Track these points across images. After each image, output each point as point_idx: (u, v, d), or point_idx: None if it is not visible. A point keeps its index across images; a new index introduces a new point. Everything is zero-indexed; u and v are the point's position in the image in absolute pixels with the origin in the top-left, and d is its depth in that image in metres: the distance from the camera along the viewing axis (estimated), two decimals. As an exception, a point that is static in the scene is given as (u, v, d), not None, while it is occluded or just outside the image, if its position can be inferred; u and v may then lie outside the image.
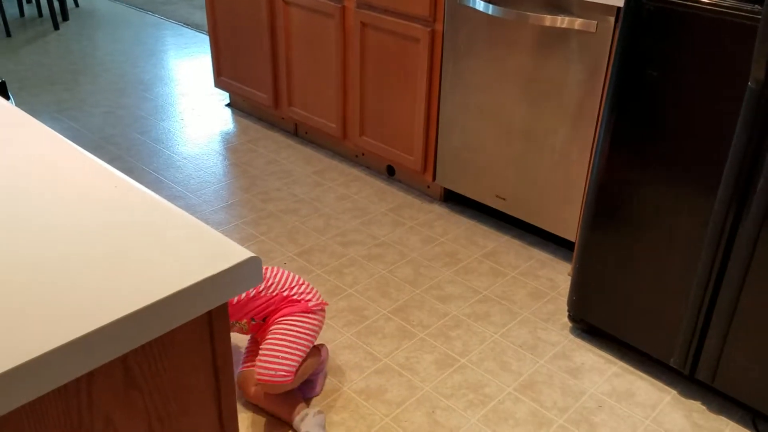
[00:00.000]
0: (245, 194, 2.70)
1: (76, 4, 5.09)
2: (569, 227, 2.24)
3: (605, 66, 1.97)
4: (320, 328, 1.73)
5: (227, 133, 3.25)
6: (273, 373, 1.60)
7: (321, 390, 1.79)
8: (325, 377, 1.83)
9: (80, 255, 0.71)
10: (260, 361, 1.62)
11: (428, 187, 2.69)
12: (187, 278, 0.68)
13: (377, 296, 2.15)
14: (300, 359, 1.64)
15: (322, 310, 1.75)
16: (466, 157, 2.45)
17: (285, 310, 1.68)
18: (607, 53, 1.95)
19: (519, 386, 1.84)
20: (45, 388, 0.59)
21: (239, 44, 3.13)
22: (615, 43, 1.75)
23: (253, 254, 0.72)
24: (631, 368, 1.91)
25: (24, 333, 0.59)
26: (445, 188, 2.64)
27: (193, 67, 4.03)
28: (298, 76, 2.93)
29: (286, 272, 1.77)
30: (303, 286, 1.75)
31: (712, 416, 1.77)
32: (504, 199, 2.40)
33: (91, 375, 0.64)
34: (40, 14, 4.83)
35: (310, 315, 1.70)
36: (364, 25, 2.55)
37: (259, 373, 1.60)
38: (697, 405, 1.80)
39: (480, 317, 2.08)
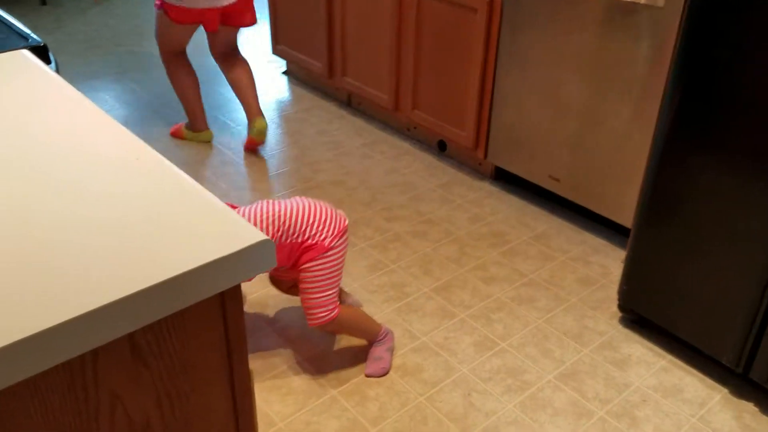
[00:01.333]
0: (294, 164, 2.70)
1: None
2: (626, 212, 2.14)
3: (672, 43, 1.84)
4: (344, 252, 1.73)
5: (282, 101, 3.25)
6: (320, 316, 1.68)
7: (389, 366, 1.81)
8: (392, 353, 1.84)
9: (89, 229, 0.70)
10: (305, 311, 1.70)
11: (480, 164, 2.62)
12: (197, 259, 0.66)
13: (420, 273, 2.12)
14: (334, 291, 1.70)
15: (341, 235, 1.71)
16: (520, 135, 2.36)
17: (305, 257, 1.68)
18: (675, 30, 1.82)
19: (560, 375, 1.78)
20: (48, 363, 0.59)
21: (297, 12, 3.11)
22: (683, 20, 1.63)
23: (265, 237, 0.70)
24: (680, 363, 1.83)
25: (25, 308, 0.59)
26: (496, 166, 2.57)
27: (256, 34, 4.04)
28: (353, 46, 2.88)
29: (296, 206, 1.70)
30: (316, 224, 1.69)
31: (765, 419, 1.67)
32: (558, 180, 2.31)
33: (95, 351, 0.64)
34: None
35: (329, 253, 1.69)
36: (420, -6, 2.48)
37: (310, 322, 1.70)
38: (749, 406, 1.71)
39: (524, 301, 2.03)
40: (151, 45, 3.82)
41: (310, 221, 1.69)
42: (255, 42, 3.93)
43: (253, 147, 2.74)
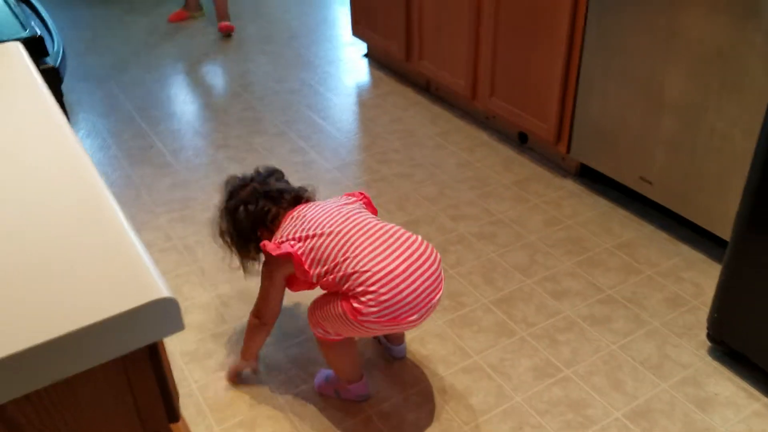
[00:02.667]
0: (363, 153, 2.56)
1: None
2: (727, 224, 1.83)
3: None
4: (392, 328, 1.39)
5: (359, 86, 3.11)
6: (313, 329, 1.48)
7: (321, 391, 1.61)
8: (337, 396, 1.60)
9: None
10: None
11: (562, 159, 2.36)
12: (79, 317, 0.54)
13: (480, 282, 1.93)
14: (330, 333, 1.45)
15: (369, 317, 1.32)
16: (607, 130, 2.09)
17: (342, 301, 1.35)
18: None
19: (630, 412, 1.54)
20: None
21: (375, -9, 2.95)
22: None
23: (168, 295, 0.56)
24: (781, 411, 1.53)
25: None
26: (581, 163, 2.30)
27: (340, 15, 3.93)
28: (431, 28, 2.68)
29: (367, 241, 1.35)
30: (370, 280, 1.30)
31: None
32: (650, 183, 2.02)
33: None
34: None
35: (366, 322, 1.33)
36: (500, -30, 2.24)
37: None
38: None
39: (598, 321, 1.79)
40: (238, 28, 3.79)
41: (358, 277, 1.30)
42: (336, 23, 3.82)
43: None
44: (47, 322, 0.54)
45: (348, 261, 1.33)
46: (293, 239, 1.41)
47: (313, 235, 1.39)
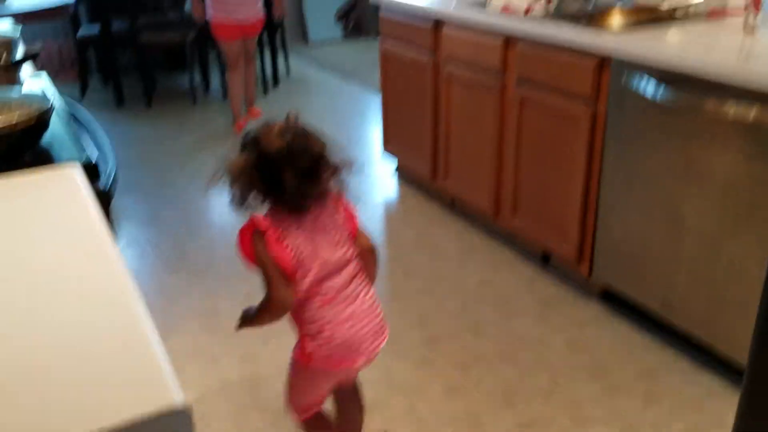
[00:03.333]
0: (388, 266, 2.63)
1: (288, 73, 5.54)
2: (746, 353, 1.81)
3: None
4: (326, 386, 1.50)
5: (387, 200, 3.23)
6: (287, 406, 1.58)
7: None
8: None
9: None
10: None
11: (585, 281, 2.39)
12: (85, 423, 0.58)
13: (500, 404, 1.91)
14: (302, 402, 1.53)
15: (337, 364, 1.42)
16: (629, 252, 2.12)
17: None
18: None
19: None
20: None
21: (405, 114, 3.13)
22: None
23: (182, 404, 0.61)
24: None
25: None
26: (604, 285, 2.32)
27: (373, 133, 4.14)
28: (456, 149, 2.82)
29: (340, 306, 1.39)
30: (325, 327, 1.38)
31: None
32: (672, 308, 2.02)
33: None
34: (254, 78, 5.35)
35: (309, 368, 1.42)
36: (523, 101, 2.38)
37: None
38: None
39: (619, 451, 1.74)
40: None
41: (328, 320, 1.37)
42: (369, 139, 4.02)
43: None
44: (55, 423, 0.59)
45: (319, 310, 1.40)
46: (291, 252, 1.35)
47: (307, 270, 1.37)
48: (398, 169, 3.51)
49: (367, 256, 1.51)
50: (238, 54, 4.08)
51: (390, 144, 3.34)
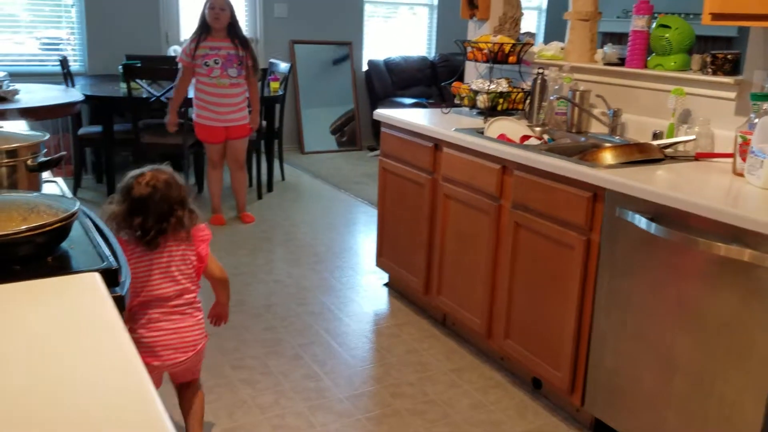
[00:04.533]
0: (377, 385, 2.58)
1: (282, 178, 5.68)
2: (749, 497, 1.77)
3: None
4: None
5: (377, 314, 3.23)
6: None
7: None
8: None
9: None
10: None
11: (577, 411, 2.36)
12: None
13: None
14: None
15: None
16: (621, 385, 2.12)
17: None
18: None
19: None
20: None
21: (401, 228, 3.20)
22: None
23: None
24: None
25: None
26: (596, 417, 2.29)
27: (365, 244, 4.19)
28: (450, 267, 2.87)
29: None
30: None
31: None
32: (664, 444, 2.00)
33: None
34: (250, 184, 5.45)
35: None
36: (518, 225, 2.46)
37: None
38: None
39: None
40: (268, 249, 4.04)
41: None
42: (360, 252, 4.06)
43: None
44: None
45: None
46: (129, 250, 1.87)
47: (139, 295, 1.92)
48: (389, 283, 3.53)
49: (216, 285, 2.14)
50: (219, 155, 4.35)
51: (383, 258, 3.39)
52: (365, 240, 4.26)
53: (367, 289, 3.48)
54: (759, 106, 2.07)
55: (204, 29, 4.13)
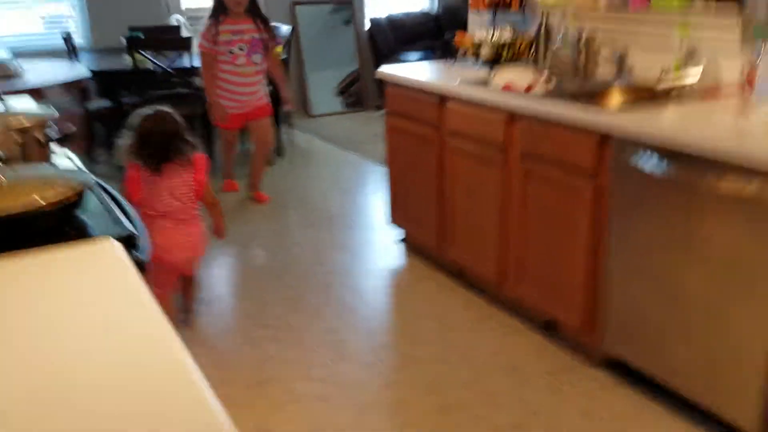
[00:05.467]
0: (397, 336, 2.65)
1: (291, 142, 5.69)
2: (757, 423, 1.82)
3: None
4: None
5: (394, 270, 3.28)
6: None
7: None
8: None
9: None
10: None
11: (593, 349, 2.41)
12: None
13: (514, 476, 1.90)
14: None
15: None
16: (634, 323, 2.16)
17: None
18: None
19: None
20: None
21: (411, 185, 3.22)
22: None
23: None
24: None
25: None
26: (611, 354, 2.34)
27: (377, 203, 4.22)
28: (462, 220, 2.90)
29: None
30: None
31: None
32: (679, 377, 2.04)
33: None
34: (259, 150, 5.47)
35: None
36: (526, 174, 2.47)
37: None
38: None
39: None
40: (282, 215, 4.09)
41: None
42: (374, 210, 4.10)
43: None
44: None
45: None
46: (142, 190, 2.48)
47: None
48: (405, 239, 3.57)
49: (209, 208, 2.71)
50: (235, 138, 4.32)
51: (396, 216, 3.42)
52: (377, 199, 4.29)
53: (381, 247, 3.53)
54: (763, 40, 2.04)
55: (221, 10, 3.84)
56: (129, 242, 1.26)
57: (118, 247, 1.18)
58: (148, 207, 2.47)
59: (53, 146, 1.69)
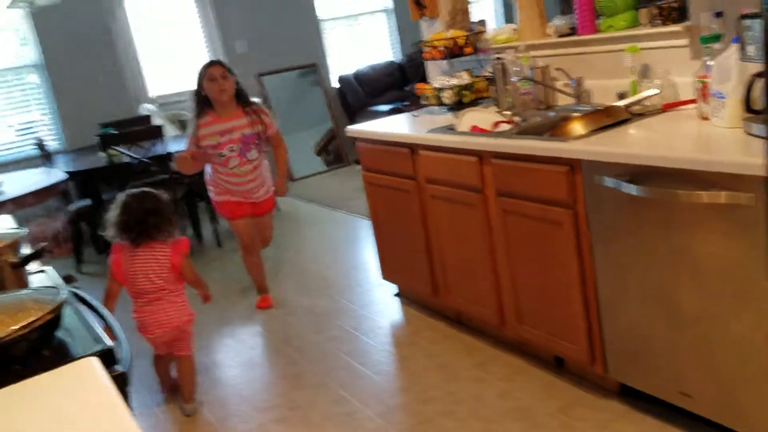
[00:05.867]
0: (404, 396, 2.60)
1: (278, 209, 5.71)
2: (780, 432, 1.79)
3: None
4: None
5: (393, 325, 3.25)
6: None
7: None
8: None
9: None
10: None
11: (602, 379, 2.37)
12: None
13: None
14: None
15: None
16: (637, 346, 2.13)
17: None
18: (776, 226, 1.63)
19: None
20: None
21: (398, 237, 3.22)
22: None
23: None
24: None
25: None
26: (621, 382, 2.30)
27: (369, 258, 4.21)
28: (452, 265, 2.89)
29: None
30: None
31: None
32: (689, 396, 2.01)
33: None
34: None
35: None
36: (505, 212, 2.48)
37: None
38: None
39: None
40: (275, 284, 4.07)
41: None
42: (366, 267, 4.08)
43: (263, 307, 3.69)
44: None
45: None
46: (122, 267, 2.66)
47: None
48: (399, 292, 3.55)
49: (194, 286, 2.83)
50: (250, 232, 3.56)
51: (387, 270, 3.41)
52: (368, 254, 4.28)
53: (379, 304, 3.50)
54: (711, 48, 2.08)
55: (205, 105, 3.32)
56: (109, 356, 1.25)
57: (97, 367, 1.17)
58: (128, 286, 2.66)
59: (29, 264, 1.68)
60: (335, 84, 7.03)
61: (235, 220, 3.53)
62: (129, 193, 2.69)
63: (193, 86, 3.37)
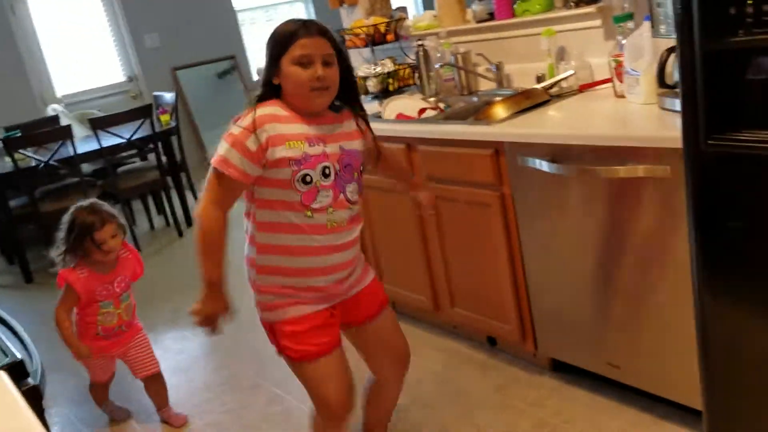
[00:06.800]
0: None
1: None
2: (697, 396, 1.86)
3: (688, 211, 1.71)
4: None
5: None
6: None
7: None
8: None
9: None
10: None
11: (534, 356, 2.42)
12: None
13: (484, 506, 1.86)
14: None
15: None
16: (566, 322, 2.19)
17: None
18: (687, 197, 1.70)
19: None
20: None
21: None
22: (692, 190, 1.52)
23: None
24: None
25: None
26: (553, 357, 2.36)
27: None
28: (386, 252, 2.87)
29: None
30: None
31: None
32: (618, 367, 2.07)
33: None
34: (168, 224, 5.27)
35: None
36: (436, 197, 2.47)
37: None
38: None
39: None
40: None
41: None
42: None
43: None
44: None
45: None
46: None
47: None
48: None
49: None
50: (349, 379, 1.90)
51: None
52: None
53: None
54: (623, 27, 2.15)
55: (272, 91, 1.76)
56: (20, 369, 1.15)
57: (6, 381, 1.07)
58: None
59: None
60: (255, 77, 6.87)
61: (327, 355, 1.79)
62: (78, 206, 2.47)
63: (103, 82, 2.70)
